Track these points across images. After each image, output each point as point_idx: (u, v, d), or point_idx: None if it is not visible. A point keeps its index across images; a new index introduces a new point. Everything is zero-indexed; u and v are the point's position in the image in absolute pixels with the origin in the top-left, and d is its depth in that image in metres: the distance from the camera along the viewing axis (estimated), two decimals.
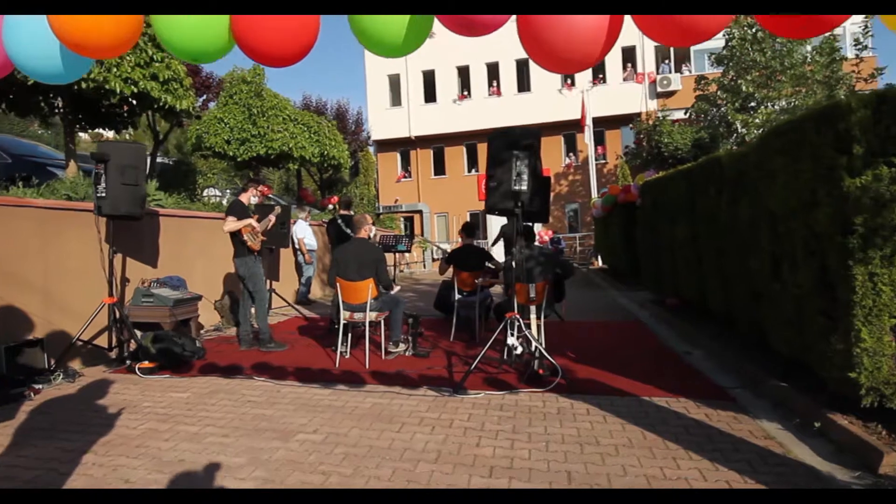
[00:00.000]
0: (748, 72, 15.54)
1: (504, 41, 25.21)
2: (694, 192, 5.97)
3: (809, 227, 3.34)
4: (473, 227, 6.98)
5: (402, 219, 25.62)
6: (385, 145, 26.26)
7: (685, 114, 18.39)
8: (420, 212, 25.58)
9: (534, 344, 4.58)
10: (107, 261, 5.30)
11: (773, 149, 3.92)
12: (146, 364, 5.06)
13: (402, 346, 5.63)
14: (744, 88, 15.35)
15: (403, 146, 26.12)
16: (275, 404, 4.11)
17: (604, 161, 23.97)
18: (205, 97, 10.20)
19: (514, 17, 2.19)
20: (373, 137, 26.18)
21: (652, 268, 8.30)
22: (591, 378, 4.61)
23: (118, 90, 6.37)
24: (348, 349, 5.68)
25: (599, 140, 23.75)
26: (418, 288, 14.14)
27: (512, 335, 4.54)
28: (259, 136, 10.46)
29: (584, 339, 6.41)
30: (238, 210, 5.94)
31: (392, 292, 5.76)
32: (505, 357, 4.70)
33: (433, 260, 25.15)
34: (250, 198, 6.14)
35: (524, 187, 4.56)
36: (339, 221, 7.21)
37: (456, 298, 6.54)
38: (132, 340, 5.32)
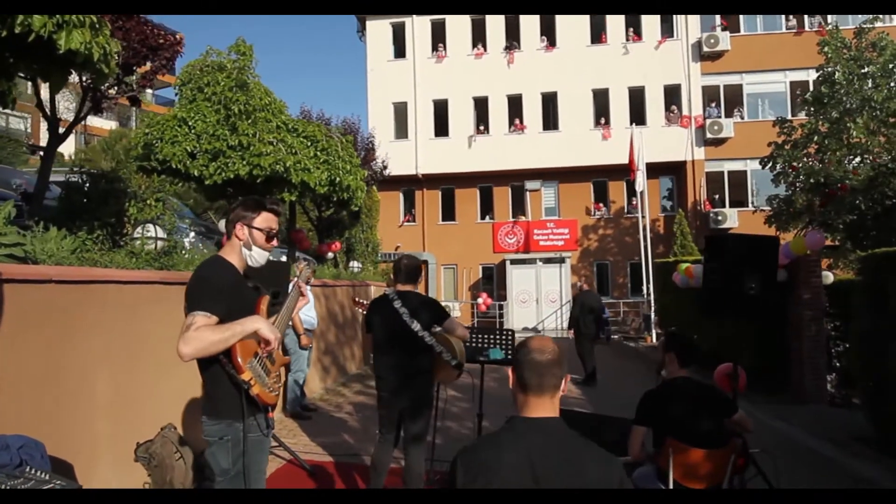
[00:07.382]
0: (858, 113, 12.61)
1: (528, 71, 22.63)
2: None
3: None
4: (691, 347, 3.20)
5: None
6: (387, 183, 22.60)
7: (760, 164, 15.32)
8: (425, 262, 21.92)
9: None
10: None
11: None
12: None
13: None
14: (854, 134, 12.37)
15: (408, 185, 22.57)
16: None
17: (632, 215, 20.59)
18: (152, 62, 6.34)
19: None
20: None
21: (881, 396, 5.01)
22: None
23: None
24: None
25: (634, 190, 20.57)
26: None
27: None
28: (240, 149, 6.37)
29: None
30: (214, 291, 2.14)
31: None
32: None
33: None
34: (245, 249, 2.29)
35: None
36: (398, 304, 3.64)
37: None
38: None
